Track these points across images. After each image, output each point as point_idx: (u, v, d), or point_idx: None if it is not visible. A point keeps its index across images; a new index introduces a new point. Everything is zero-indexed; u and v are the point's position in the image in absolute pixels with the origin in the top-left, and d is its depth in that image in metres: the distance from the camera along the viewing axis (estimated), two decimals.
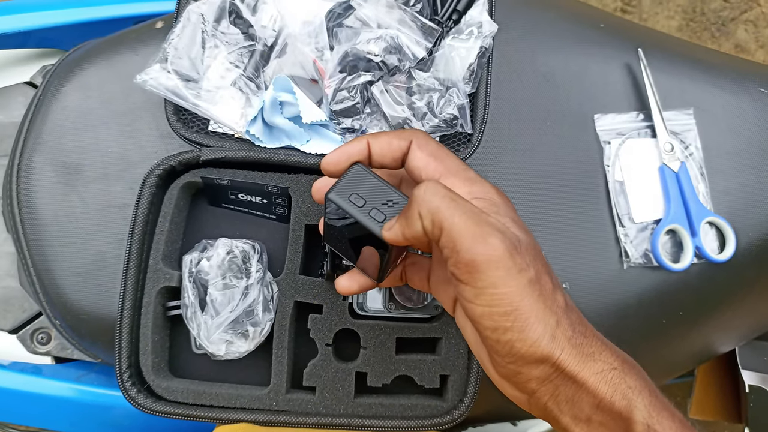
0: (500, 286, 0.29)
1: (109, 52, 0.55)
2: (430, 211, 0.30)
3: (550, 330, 0.29)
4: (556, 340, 0.29)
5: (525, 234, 0.31)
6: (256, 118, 0.46)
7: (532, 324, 0.29)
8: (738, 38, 1.37)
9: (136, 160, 0.51)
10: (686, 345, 0.56)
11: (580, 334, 0.30)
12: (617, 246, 0.51)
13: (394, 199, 0.33)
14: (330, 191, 0.33)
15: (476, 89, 0.48)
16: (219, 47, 0.48)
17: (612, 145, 0.53)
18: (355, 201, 0.33)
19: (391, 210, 0.33)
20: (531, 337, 0.29)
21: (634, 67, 0.55)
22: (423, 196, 0.30)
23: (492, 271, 0.29)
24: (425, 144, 0.34)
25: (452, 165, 0.34)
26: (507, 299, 0.29)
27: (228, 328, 0.43)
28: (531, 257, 0.30)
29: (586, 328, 0.31)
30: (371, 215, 0.33)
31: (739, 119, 0.54)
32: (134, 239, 0.44)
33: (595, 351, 0.30)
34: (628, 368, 0.31)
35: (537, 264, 0.30)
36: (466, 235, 0.29)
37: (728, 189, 0.53)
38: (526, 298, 0.29)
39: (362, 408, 0.43)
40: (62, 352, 0.56)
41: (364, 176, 0.34)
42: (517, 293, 0.29)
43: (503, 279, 0.29)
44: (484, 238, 0.29)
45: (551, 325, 0.29)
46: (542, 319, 0.29)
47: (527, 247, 0.30)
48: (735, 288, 0.53)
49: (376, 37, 0.47)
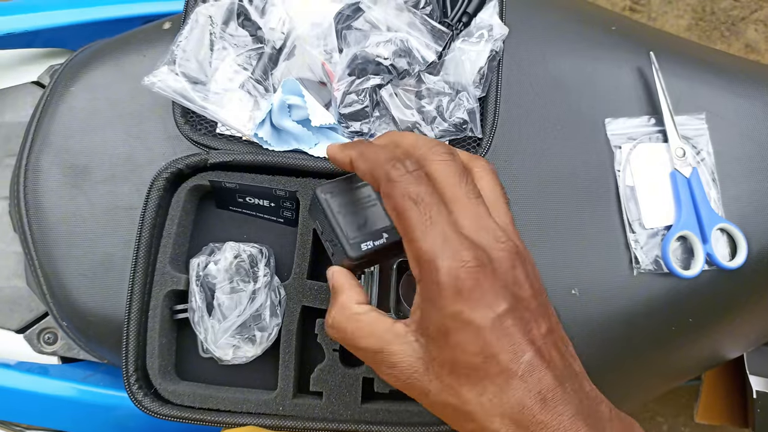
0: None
1: (117, 53, 0.55)
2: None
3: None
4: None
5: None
6: (264, 121, 0.46)
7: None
8: (748, 38, 1.35)
9: (144, 162, 0.51)
10: (695, 351, 0.55)
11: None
12: (627, 252, 0.50)
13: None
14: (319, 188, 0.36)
15: (486, 93, 0.47)
16: (227, 49, 0.48)
17: (623, 149, 0.52)
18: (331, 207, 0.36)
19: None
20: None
21: (645, 70, 0.54)
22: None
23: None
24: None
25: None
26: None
27: (235, 333, 0.42)
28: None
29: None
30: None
31: (752, 124, 0.54)
32: (141, 243, 0.44)
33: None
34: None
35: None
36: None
37: (740, 195, 0.52)
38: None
39: (369, 414, 0.43)
40: (69, 352, 0.56)
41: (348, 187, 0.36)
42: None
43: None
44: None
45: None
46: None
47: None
48: (745, 295, 0.52)
49: (385, 40, 0.46)
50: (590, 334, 0.49)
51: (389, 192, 0.30)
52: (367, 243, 0.35)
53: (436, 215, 0.29)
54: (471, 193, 0.31)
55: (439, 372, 0.30)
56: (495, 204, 0.33)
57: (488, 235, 0.30)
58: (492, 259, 0.29)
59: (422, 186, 0.30)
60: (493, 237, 0.30)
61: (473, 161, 0.35)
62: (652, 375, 0.56)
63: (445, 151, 0.32)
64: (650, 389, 0.61)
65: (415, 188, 0.30)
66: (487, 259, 0.29)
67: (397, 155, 0.31)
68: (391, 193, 0.30)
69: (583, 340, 0.49)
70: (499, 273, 0.29)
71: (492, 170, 0.35)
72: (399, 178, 0.30)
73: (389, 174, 0.30)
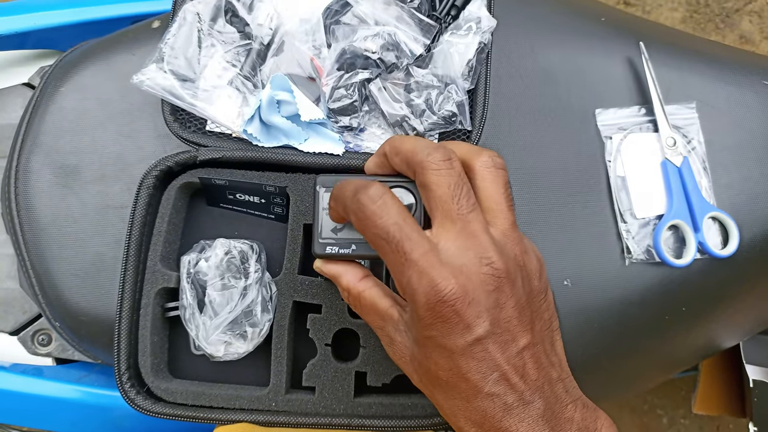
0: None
1: (106, 52, 0.55)
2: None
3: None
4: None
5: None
6: (253, 117, 0.46)
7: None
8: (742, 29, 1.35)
9: (134, 161, 0.51)
10: (689, 341, 0.55)
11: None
12: (619, 242, 0.50)
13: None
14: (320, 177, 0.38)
15: (475, 85, 0.47)
16: (215, 46, 0.48)
17: (613, 140, 0.52)
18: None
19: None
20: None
21: (635, 60, 0.54)
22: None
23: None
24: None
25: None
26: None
27: (227, 329, 0.42)
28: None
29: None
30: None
31: (743, 112, 0.54)
32: (132, 241, 0.43)
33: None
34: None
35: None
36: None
37: (731, 183, 0.52)
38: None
39: (362, 408, 0.43)
40: (63, 353, 0.56)
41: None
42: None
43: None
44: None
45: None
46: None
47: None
48: (738, 283, 0.52)
49: (373, 34, 0.46)
50: (583, 325, 0.49)
51: (361, 230, 0.31)
52: (333, 248, 0.36)
53: (409, 251, 0.30)
54: (465, 207, 0.31)
55: (419, 369, 0.32)
56: (495, 209, 0.33)
57: (474, 256, 0.30)
58: (472, 285, 0.29)
59: (390, 218, 0.30)
60: (478, 258, 0.30)
61: (476, 157, 0.34)
62: (648, 365, 0.56)
63: (441, 158, 0.32)
64: (646, 379, 0.61)
65: (383, 223, 0.30)
66: (466, 288, 0.29)
67: (359, 187, 0.31)
68: (363, 231, 0.31)
69: (577, 330, 0.49)
70: (477, 300, 0.29)
71: (497, 167, 0.34)
72: (364, 216, 0.31)
73: (356, 212, 0.31)
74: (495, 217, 0.32)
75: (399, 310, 0.34)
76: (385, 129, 0.48)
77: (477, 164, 0.33)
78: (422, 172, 0.32)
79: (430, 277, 0.29)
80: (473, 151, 0.34)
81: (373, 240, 0.31)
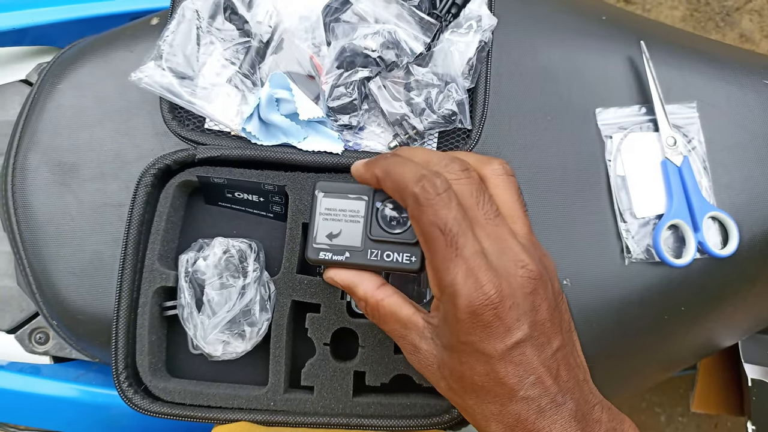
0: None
1: (104, 49, 0.54)
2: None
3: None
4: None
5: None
6: (252, 115, 0.45)
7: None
8: (743, 28, 1.35)
9: (132, 159, 0.51)
10: (688, 340, 0.55)
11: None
12: (618, 242, 0.50)
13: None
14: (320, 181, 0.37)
15: (475, 84, 0.47)
16: (214, 44, 0.47)
17: (614, 139, 0.52)
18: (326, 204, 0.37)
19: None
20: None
21: (636, 60, 0.54)
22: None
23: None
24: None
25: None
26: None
27: (225, 329, 0.42)
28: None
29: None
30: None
31: (743, 112, 0.53)
32: (130, 239, 0.43)
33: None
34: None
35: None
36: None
37: (731, 183, 0.52)
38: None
39: (361, 407, 0.43)
40: (60, 351, 0.56)
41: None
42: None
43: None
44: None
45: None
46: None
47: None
48: (738, 283, 0.52)
49: (373, 33, 0.46)
50: (584, 324, 0.49)
51: (417, 216, 0.30)
52: (326, 254, 0.36)
53: (462, 246, 0.29)
54: (490, 213, 0.31)
55: (449, 376, 0.32)
56: (514, 216, 0.33)
57: (509, 260, 0.30)
58: (512, 289, 0.29)
59: (451, 211, 0.30)
60: (513, 262, 0.30)
61: (486, 166, 0.34)
62: (647, 363, 0.56)
63: (459, 168, 0.32)
64: (646, 377, 0.61)
65: (444, 214, 0.29)
66: (507, 291, 0.29)
67: (425, 173, 0.30)
68: (419, 218, 0.30)
69: (577, 329, 0.49)
70: (517, 303, 0.29)
71: (507, 174, 0.34)
72: (427, 202, 0.30)
73: (417, 197, 0.30)
74: (514, 222, 0.32)
75: (423, 316, 0.33)
76: (385, 128, 0.48)
77: (488, 172, 0.33)
78: None
79: (477, 277, 0.29)
80: (482, 161, 0.34)
81: (428, 230, 0.30)
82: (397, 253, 0.35)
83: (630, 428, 0.32)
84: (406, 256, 0.35)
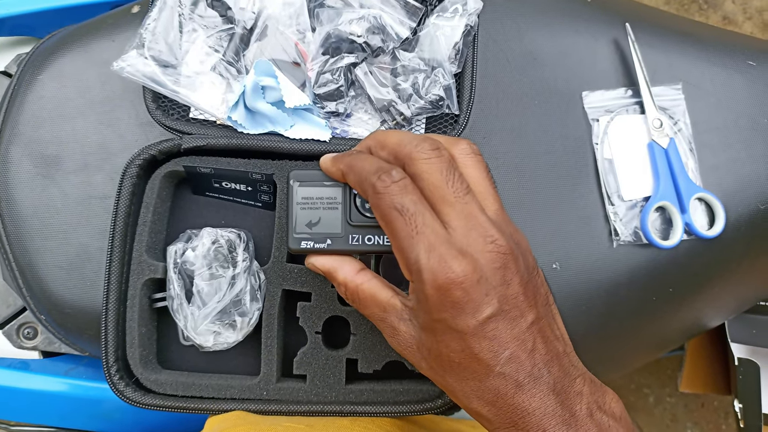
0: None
1: (85, 38, 0.53)
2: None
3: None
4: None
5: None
6: (237, 103, 0.45)
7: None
8: (726, 10, 1.36)
9: (116, 150, 0.50)
10: (677, 321, 0.56)
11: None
12: (607, 224, 0.51)
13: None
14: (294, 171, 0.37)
15: (462, 69, 0.47)
16: (197, 31, 0.47)
17: (600, 122, 0.52)
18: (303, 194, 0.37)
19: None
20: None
21: (621, 42, 0.54)
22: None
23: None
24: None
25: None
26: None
27: (215, 319, 0.42)
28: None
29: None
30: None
31: (729, 93, 0.54)
32: (116, 231, 0.43)
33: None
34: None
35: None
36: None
37: (717, 164, 0.52)
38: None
39: (354, 394, 0.43)
40: (49, 346, 0.55)
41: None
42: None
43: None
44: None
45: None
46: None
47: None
48: (724, 263, 0.53)
49: (358, 18, 0.46)
50: (573, 307, 0.50)
51: (376, 203, 0.31)
52: (308, 243, 0.37)
53: (421, 225, 0.30)
54: (460, 190, 0.31)
55: (428, 356, 0.32)
56: (484, 193, 0.33)
57: (478, 235, 0.31)
58: (480, 264, 0.30)
59: (408, 195, 0.31)
60: (483, 238, 0.31)
61: (454, 146, 0.34)
62: (636, 344, 0.56)
63: (430, 147, 0.32)
64: (634, 358, 0.61)
65: (400, 198, 0.30)
66: (474, 266, 0.30)
67: (383, 166, 0.32)
68: (378, 204, 0.31)
69: (566, 312, 0.49)
70: (485, 277, 0.30)
71: (475, 153, 0.35)
72: (384, 189, 0.31)
73: (375, 186, 0.31)
74: (485, 199, 0.33)
75: (401, 299, 0.34)
76: (372, 114, 0.48)
77: (456, 152, 0.34)
78: (412, 163, 0.32)
79: (439, 253, 0.29)
80: (450, 141, 0.35)
81: (386, 213, 0.31)
82: (377, 236, 0.36)
83: (612, 400, 0.33)
84: (386, 237, 0.36)
